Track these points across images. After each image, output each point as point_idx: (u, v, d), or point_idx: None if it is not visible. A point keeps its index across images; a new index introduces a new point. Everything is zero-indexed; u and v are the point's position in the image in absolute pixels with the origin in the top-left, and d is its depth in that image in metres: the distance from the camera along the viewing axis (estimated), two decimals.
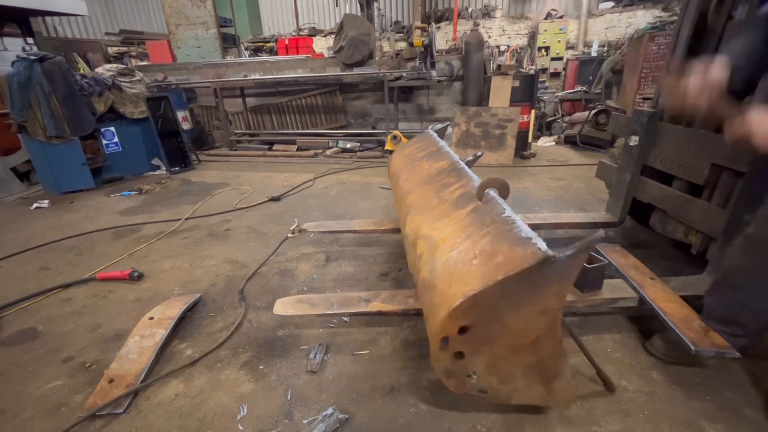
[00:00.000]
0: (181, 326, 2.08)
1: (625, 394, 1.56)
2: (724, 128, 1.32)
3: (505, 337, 1.26)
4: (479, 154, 2.35)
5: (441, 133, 2.80)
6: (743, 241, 1.51)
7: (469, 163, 2.12)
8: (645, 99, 5.38)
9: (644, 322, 1.96)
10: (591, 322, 2.00)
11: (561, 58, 10.25)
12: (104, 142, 4.99)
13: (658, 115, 2.28)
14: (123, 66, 6.17)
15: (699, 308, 1.69)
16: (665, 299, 1.77)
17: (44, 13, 6.64)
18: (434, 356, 1.32)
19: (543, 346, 1.28)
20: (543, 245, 1.11)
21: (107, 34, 12.40)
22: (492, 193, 1.49)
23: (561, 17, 10.67)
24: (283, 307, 1.91)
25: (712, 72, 1.29)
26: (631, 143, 2.37)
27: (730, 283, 1.56)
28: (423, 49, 6.07)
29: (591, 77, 7.77)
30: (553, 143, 6.31)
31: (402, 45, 10.09)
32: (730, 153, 1.79)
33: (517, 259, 1.11)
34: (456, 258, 1.34)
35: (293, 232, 2.75)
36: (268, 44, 12.11)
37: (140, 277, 2.61)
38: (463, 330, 1.23)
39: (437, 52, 6.31)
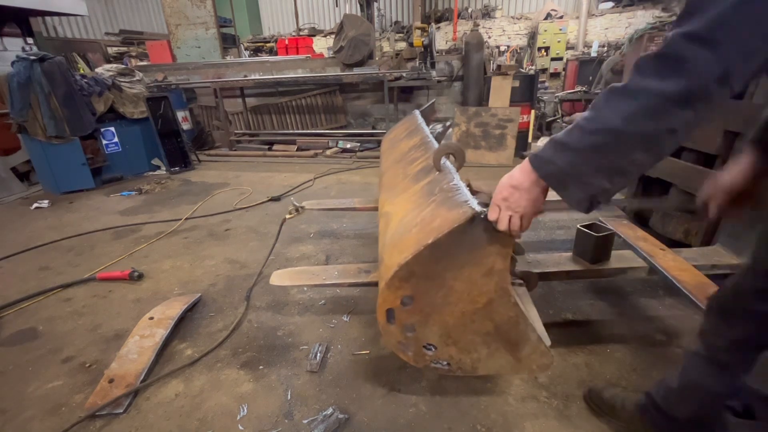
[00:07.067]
0: (181, 326, 2.08)
1: None
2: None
3: (454, 303, 1.23)
4: (448, 124, 2.33)
5: (442, 135, 2.79)
6: None
7: (438, 137, 2.11)
8: None
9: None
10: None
11: (561, 59, 10.24)
12: (104, 142, 4.99)
13: None
14: (123, 66, 6.16)
15: (713, 278, 1.60)
16: (678, 268, 1.71)
17: (44, 13, 6.65)
18: (383, 330, 1.31)
19: (497, 310, 1.23)
20: (475, 204, 1.10)
21: (107, 34, 12.41)
22: (448, 164, 1.50)
23: (561, 17, 10.67)
24: (280, 278, 1.88)
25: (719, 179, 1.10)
26: None
27: None
28: (423, 49, 6.08)
29: (591, 77, 7.76)
30: None
31: (402, 45, 10.10)
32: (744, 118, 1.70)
33: (449, 220, 1.10)
34: (399, 229, 1.34)
35: (291, 213, 2.61)
36: (268, 44, 12.10)
37: (140, 277, 2.61)
38: (406, 300, 1.22)
39: (437, 52, 6.32)
